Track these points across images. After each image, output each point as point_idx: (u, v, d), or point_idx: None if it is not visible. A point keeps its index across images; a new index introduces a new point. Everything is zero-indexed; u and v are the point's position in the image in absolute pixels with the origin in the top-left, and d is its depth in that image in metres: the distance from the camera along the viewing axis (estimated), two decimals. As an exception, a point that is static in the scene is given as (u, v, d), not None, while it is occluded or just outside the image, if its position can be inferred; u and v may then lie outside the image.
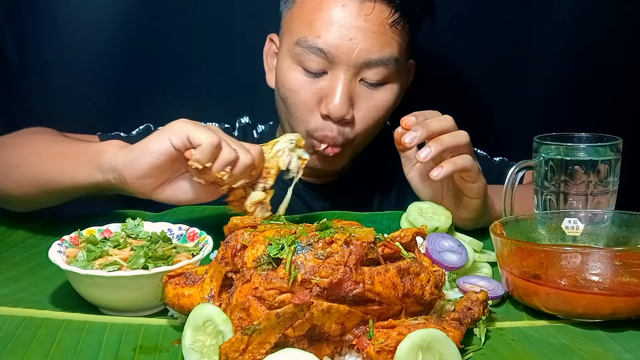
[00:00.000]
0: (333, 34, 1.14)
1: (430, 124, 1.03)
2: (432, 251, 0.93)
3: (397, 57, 1.18)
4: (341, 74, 1.15)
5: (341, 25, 1.13)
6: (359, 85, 1.18)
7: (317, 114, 1.19)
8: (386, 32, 1.15)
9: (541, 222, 0.99)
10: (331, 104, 1.15)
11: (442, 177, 1.01)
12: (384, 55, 1.16)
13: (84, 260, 0.87)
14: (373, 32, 1.14)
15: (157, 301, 0.85)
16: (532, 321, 0.86)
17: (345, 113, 1.16)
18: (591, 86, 1.62)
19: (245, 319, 0.72)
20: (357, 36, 1.13)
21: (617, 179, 1.06)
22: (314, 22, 1.15)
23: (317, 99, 1.18)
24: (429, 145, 1.02)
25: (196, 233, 0.96)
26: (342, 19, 1.13)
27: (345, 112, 1.16)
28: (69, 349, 0.77)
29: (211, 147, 0.91)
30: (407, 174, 1.12)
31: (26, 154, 1.10)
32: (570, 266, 0.84)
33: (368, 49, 1.14)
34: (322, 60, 1.15)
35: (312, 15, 1.16)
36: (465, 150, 1.05)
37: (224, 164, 0.93)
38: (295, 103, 1.20)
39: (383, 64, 1.16)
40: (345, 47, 1.14)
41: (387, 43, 1.16)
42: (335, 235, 0.73)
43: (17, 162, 1.10)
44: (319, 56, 1.15)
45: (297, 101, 1.20)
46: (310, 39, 1.15)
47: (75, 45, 1.51)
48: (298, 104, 1.20)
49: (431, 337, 0.69)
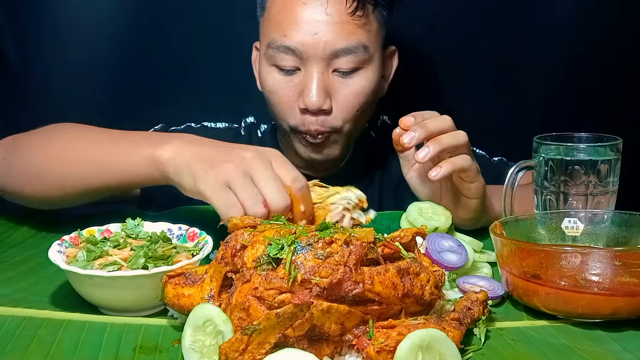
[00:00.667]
0: (298, 31, 1.19)
1: (429, 124, 1.03)
2: (432, 251, 0.93)
3: (364, 44, 1.21)
4: (313, 68, 1.20)
5: (304, 22, 1.19)
6: (332, 76, 1.22)
7: (297, 110, 1.24)
8: (349, 22, 1.20)
9: (541, 222, 0.99)
10: (307, 97, 1.20)
11: (440, 177, 1.02)
12: (350, 44, 1.20)
13: (84, 260, 0.87)
14: (336, 23, 1.19)
15: (157, 301, 0.85)
16: (532, 321, 0.86)
17: (322, 104, 1.21)
18: (591, 86, 1.62)
19: (245, 319, 0.72)
20: (321, 30, 1.19)
21: (617, 179, 1.06)
22: (280, 23, 1.21)
23: (295, 96, 1.24)
24: (427, 146, 1.02)
25: (196, 233, 0.96)
26: (305, 16, 1.19)
27: (321, 103, 1.20)
28: (69, 349, 0.77)
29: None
30: (405, 175, 1.12)
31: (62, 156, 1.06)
32: (570, 266, 0.84)
33: (333, 41, 1.19)
34: (292, 57, 1.21)
35: (278, 18, 1.22)
36: (464, 151, 1.05)
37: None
38: (276, 103, 1.26)
39: (351, 52, 1.20)
40: (311, 42, 1.19)
41: (351, 32, 1.20)
42: (335, 235, 0.73)
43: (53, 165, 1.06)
44: (288, 54, 1.21)
45: (277, 101, 1.26)
46: (279, 39, 1.21)
47: (75, 45, 1.52)
48: (279, 103, 1.26)
49: (431, 337, 0.69)
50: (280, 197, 0.92)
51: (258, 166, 0.93)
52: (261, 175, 0.93)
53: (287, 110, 1.25)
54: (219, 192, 0.92)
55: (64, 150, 1.07)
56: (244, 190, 0.91)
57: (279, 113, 1.27)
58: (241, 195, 0.91)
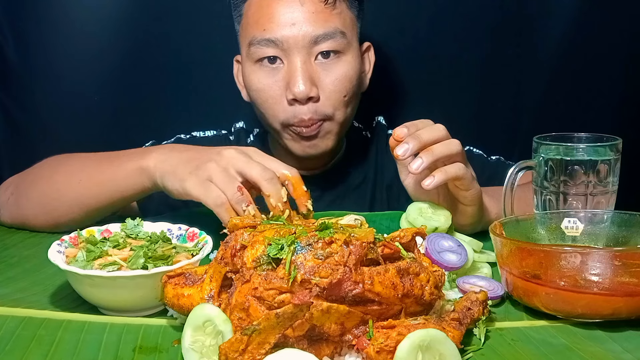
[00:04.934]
0: (277, 24, 1.23)
1: (422, 135, 1.03)
2: (432, 251, 0.93)
3: (342, 30, 1.26)
4: (295, 58, 1.24)
5: (282, 15, 1.24)
6: (315, 65, 1.25)
7: (285, 103, 1.26)
8: (324, 11, 1.24)
9: (541, 222, 0.99)
10: (294, 87, 1.23)
11: (433, 187, 1.02)
12: (328, 30, 1.24)
13: (84, 261, 0.87)
14: (312, 12, 1.24)
15: (156, 301, 0.85)
16: (532, 321, 0.86)
17: (309, 91, 1.23)
18: (591, 86, 1.62)
19: (244, 319, 0.72)
20: (299, 20, 1.23)
21: (616, 179, 1.06)
22: (258, 20, 1.26)
23: (282, 90, 1.26)
24: (420, 157, 1.02)
25: (196, 233, 0.96)
26: (281, 9, 1.24)
27: (308, 91, 1.23)
28: (68, 349, 0.77)
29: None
30: (403, 181, 1.13)
31: (63, 179, 1.15)
32: (570, 266, 0.84)
33: (312, 29, 1.23)
34: (274, 50, 1.24)
35: (255, 16, 1.26)
36: (458, 159, 1.05)
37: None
38: (264, 100, 1.28)
39: (330, 37, 1.24)
40: (291, 33, 1.23)
41: (327, 19, 1.25)
42: (334, 236, 0.73)
43: (57, 193, 1.15)
44: (270, 47, 1.24)
45: (264, 98, 1.28)
46: (259, 34, 1.25)
47: (75, 45, 1.52)
48: (266, 100, 1.28)
49: (431, 337, 0.69)
50: (266, 173, 0.98)
51: (238, 160, 0.99)
52: (243, 165, 0.99)
53: (276, 106, 1.27)
54: (204, 189, 0.97)
55: (66, 179, 1.15)
56: (223, 182, 0.97)
57: (268, 111, 1.28)
58: (222, 186, 0.96)
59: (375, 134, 1.49)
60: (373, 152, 1.46)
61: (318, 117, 1.26)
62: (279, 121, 1.28)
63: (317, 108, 1.25)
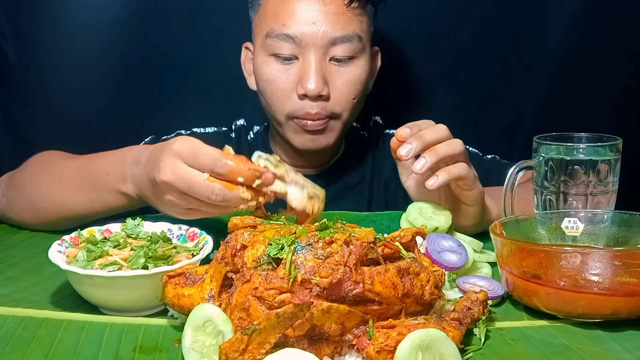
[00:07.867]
0: (297, 21, 1.24)
1: (425, 135, 1.03)
2: (432, 251, 0.93)
3: (359, 35, 1.27)
4: (311, 56, 1.24)
5: (304, 13, 1.24)
6: (329, 65, 1.26)
7: (294, 97, 1.27)
8: (345, 13, 1.26)
9: (541, 222, 0.99)
10: (306, 83, 1.23)
11: (437, 187, 1.02)
12: (347, 33, 1.25)
13: (84, 260, 0.87)
14: (333, 13, 1.24)
15: (157, 301, 0.85)
16: (532, 321, 0.86)
17: (321, 89, 1.24)
18: (591, 86, 1.62)
19: (245, 319, 0.72)
20: (320, 19, 1.24)
21: (617, 179, 1.06)
22: (278, 14, 1.26)
23: (293, 84, 1.26)
24: (424, 157, 1.01)
25: (196, 233, 0.96)
26: (304, 7, 1.24)
27: (320, 89, 1.24)
28: (69, 349, 0.77)
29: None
30: (404, 183, 1.13)
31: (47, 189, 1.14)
32: (570, 266, 0.84)
33: (331, 30, 1.24)
34: (291, 45, 1.25)
35: (276, 10, 1.26)
36: (461, 159, 1.05)
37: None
38: (273, 92, 1.28)
39: (347, 40, 1.26)
40: (310, 31, 1.24)
41: (348, 22, 1.26)
42: (335, 235, 0.73)
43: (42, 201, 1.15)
44: (287, 42, 1.25)
45: (274, 90, 1.28)
46: (277, 28, 1.25)
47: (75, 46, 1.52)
48: (275, 92, 1.28)
49: (431, 337, 0.69)
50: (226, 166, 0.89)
51: (185, 180, 0.90)
52: (195, 179, 0.90)
53: (284, 99, 1.27)
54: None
55: (50, 188, 1.14)
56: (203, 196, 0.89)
57: (276, 103, 1.29)
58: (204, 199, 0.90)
59: (372, 134, 1.50)
60: (370, 152, 1.48)
61: (326, 112, 1.27)
62: (285, 113, 1.28)
63: (326, 106, 1.27)
